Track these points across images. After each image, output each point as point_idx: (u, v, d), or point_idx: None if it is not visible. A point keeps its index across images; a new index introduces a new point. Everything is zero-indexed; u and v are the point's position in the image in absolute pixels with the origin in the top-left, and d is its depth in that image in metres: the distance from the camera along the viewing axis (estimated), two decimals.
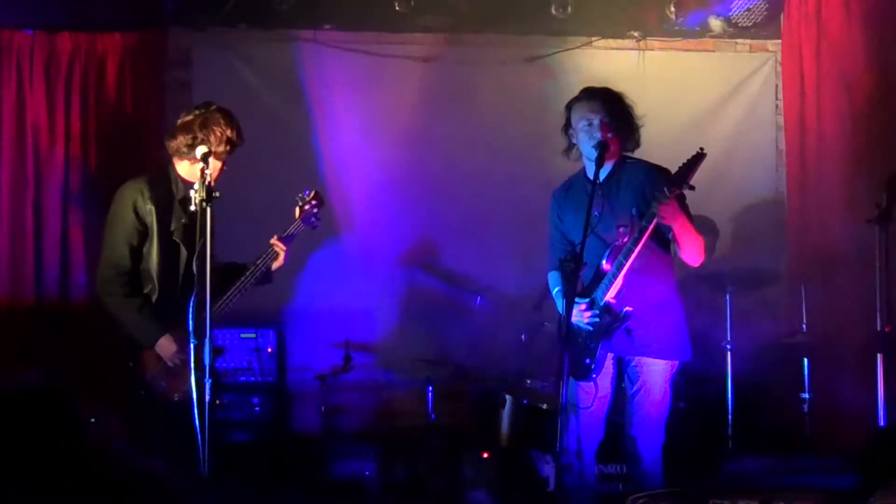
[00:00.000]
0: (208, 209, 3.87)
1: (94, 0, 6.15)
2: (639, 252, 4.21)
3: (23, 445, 4.56)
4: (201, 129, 4.35)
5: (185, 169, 4.42)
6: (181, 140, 4.38)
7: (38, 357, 5.93)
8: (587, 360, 4.32)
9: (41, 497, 4.15)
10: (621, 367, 4.46)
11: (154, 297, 4.33)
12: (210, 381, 3.88)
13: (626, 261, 4.21)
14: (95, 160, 6.13)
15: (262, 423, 5.68)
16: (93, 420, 4.18)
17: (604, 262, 4.29)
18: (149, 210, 4.32)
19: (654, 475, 4.38)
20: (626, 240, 4.26)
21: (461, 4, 6.29)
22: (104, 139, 6.15)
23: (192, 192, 3.89)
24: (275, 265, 4.49)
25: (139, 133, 6.22)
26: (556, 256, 4.57)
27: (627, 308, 4.27)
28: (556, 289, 4.52)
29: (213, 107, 4.44)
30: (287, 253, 4.49)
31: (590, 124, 4.35)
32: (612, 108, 4.38)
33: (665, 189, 4.12)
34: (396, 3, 6.10)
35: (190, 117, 4.43)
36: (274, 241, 4.49)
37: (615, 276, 4.25)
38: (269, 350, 5.81)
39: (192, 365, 3.93)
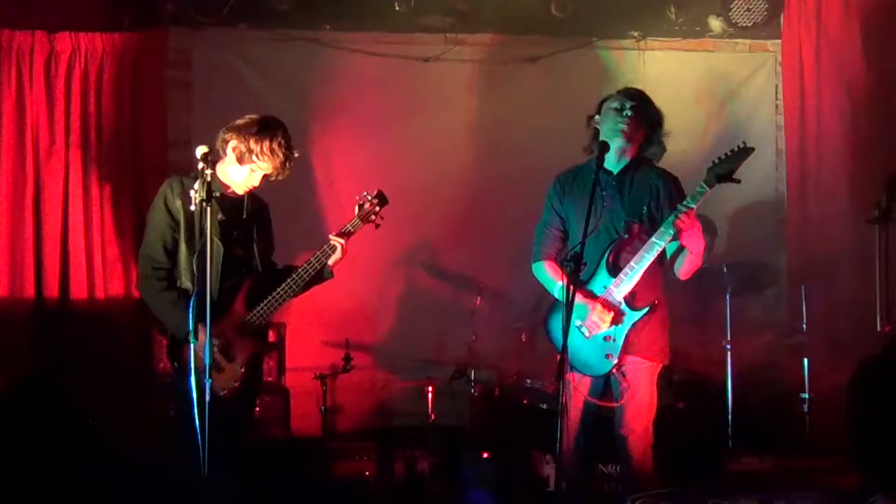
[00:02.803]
0: (209, 209, 3.88)
1: (94, 0, 6.16)
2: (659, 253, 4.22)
3: (23, 444, 4.57)
4: (258, 141, 4.30)
5: (225, 169, 4.40)
6: (234, 143, 4.34)
7: (39, 357, 5.93)
8: (608, 354, 4.30)
9: (42, 494, 4.16)
10: None
11: (191, 293, 4.29)
12: (210, 381, 3.89)
13: (651, 256, 4.21)
14: (95, 160, 6.13)
15: (262, 423, 5.68)
16: (91, 421, 4.19)
17: (609, 255, 4.30)
18: (178, 207, 4.30)
19: (645, 473, 4.38)
20: (642, 237, 4.27)
21: (461, 4, 6.29)
22: (104, 139, 6.15)
23: (192, 193, 3.90)
24: (332, 260, 4.49)
25: (139, 133, 6.23)
26: (545, 244, 4.56)
27: (655, 301, 4.27)
28: (560, 285, 4.48)
29: (278, 124, 4.38)
30: (344, 248, 4.49)
31: (621, 107, 4.35)
32: (644, 106, 4.40)
33: (682, 205, 4.15)
34: (396, 3, 6.11)
35: (253, 126, 4.34)
36: (332, 236, 4.51)
37: (636, 273, 4.23)
38: None
39: (193, 365, 3.94)
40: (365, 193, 4.66)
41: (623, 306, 4.27)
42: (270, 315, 4.41)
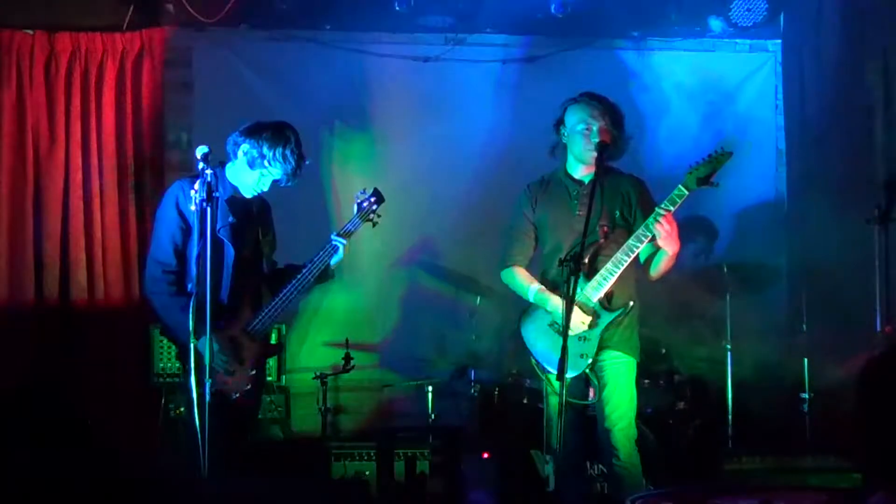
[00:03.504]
0: (208, 209, 3.88)
1: (94, 0, 6.15)
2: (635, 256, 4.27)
3: (23, 444, 4.57)
4: (271, 147, 4.31)
5: (235, 172, 4.40)
6: (246, 147, 4.34)
7: (39, 357, 5.93)
8: (582, 354, 4.34)
9: (42, 494, 4.16)
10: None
11: (198, 295, 4.28)
12: (210, 381, 3.89)
13: (628, 258, 4.26)
14: (96, 160, 6.13)
15: (262, 423, 5.68)
16: (91, 421, 4.19)
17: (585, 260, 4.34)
18: (191, 209, 4.29)
19: (633, 466, 4.39)
20: (618, 241, 4.33)
21: (461, 4, 6.29)
22: (104, 139, 6.15)
23: (192, 193, 3.90)
24: (334, 260, 4.50)
25: (139, 133, 6.22)
26: (515, 250, 4.65)
27: (630, 302, 4.31)
28: (535, 288, 4.52)
29: (291, 131, 4.39)
30: (345, 248, 4.50)
31: (588, 129, 4.40)
32: (610, 117, 4.43)
33: (660, 209, 4.19)
34: (396, 3, 6.10)
35: (266, 131, 4.35)
36: (334, 236, 4.51)
37: (612, 275, 4.29)
38: None
39: (193, 365, 3.94)
40: (363, 191, 4.66)
41: (598, 308, 4.31)
42: (277, 318, 4.41)
